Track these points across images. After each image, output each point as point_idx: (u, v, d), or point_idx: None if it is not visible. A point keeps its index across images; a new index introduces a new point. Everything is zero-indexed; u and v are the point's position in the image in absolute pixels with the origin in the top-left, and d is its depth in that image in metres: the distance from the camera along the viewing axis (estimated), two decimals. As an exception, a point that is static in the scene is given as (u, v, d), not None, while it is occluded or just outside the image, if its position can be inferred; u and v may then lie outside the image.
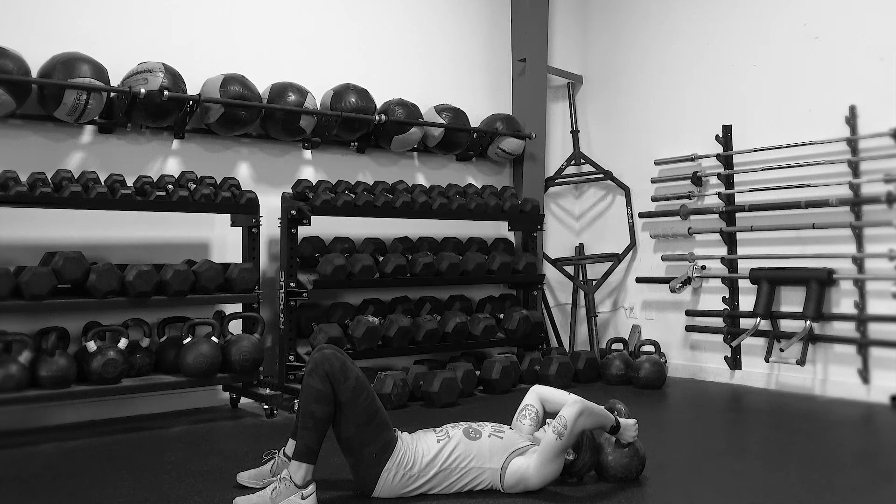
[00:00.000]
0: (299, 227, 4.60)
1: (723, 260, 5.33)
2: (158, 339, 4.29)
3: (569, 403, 2.81)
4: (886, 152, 4.50)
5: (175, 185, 4.25)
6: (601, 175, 6.13)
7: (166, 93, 4.16)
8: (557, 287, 6.25)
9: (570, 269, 6.17)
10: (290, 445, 2.81)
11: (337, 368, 2.67)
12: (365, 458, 2.70)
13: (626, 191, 6.02)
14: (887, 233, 4.50)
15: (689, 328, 5.54)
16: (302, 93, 4.73)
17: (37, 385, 3.63)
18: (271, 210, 4.70)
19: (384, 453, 2.71)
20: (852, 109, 4.69)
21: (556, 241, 6.29)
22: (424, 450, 2.78)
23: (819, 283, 4.70)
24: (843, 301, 4.72)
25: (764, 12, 5.24)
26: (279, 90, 4.69)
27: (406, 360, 5.15)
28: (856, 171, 4.65)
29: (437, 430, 2.90)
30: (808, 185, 4.84)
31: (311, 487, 2.63)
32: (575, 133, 6.29)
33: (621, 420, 2.95)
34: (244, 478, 2.93)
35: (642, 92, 6.03)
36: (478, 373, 4.88)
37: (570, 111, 6.34)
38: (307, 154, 5.13)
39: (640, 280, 5.88)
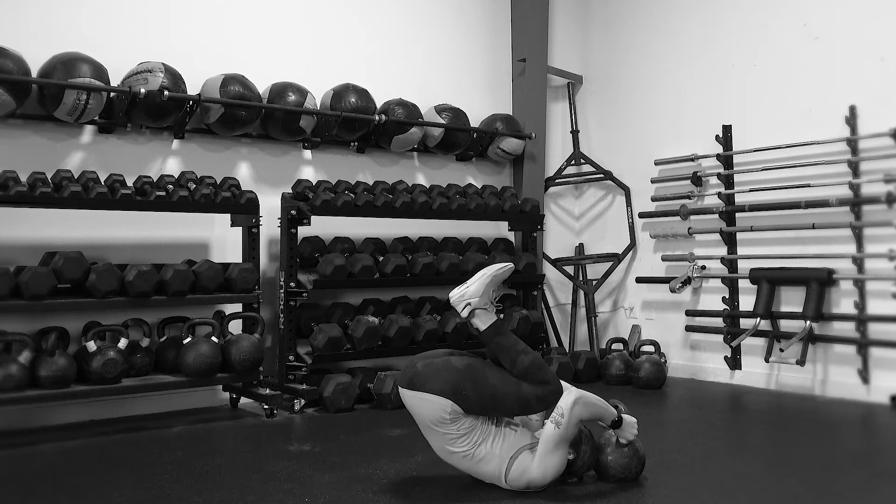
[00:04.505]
0: (299, 227, 4.60)
1: (723, 260, 5.33)
2: (158, 339, 4.29)
3: (565, 393, 2.87)
4: (886, 152, 4.49)
5: (175, 185, 4.25)
6: (601, 175, 6.13)
7: (166, 93, 4.16)
8: (557, 287, 6.25)
9: (570, 269, 6.17)
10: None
11: None
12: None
13: (626, 191, 6.02)
14: (887, 233, 4.50)
15: (689, 328, 5.54)
16: (302, 93, 4.73)
17: (37, 385, 3.63)
18: (271, 210, 4.70)
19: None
20: (852, 109, 4.69)
21: (556, 241, 6.28)
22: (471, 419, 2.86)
23: (819, 283, 4.70)
24: (843, 301, 4.71)
25: (764, 12, 5.24)
26: (279, 90, 4.69)
27: (406, 361, 5.12)
28: (856, 171, 4.65)
29: None
30: (808, 185, 4.84)
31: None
32: (575, 133, 6.28)
33: (623, 415, 2.96)
34: None
35: (642, 92, 6.02)
36: (478, 373, 4.87)
37: (570, 111, 6.34)
38: (307, 154, 5.13)
39: (640, 280, 5.88)
